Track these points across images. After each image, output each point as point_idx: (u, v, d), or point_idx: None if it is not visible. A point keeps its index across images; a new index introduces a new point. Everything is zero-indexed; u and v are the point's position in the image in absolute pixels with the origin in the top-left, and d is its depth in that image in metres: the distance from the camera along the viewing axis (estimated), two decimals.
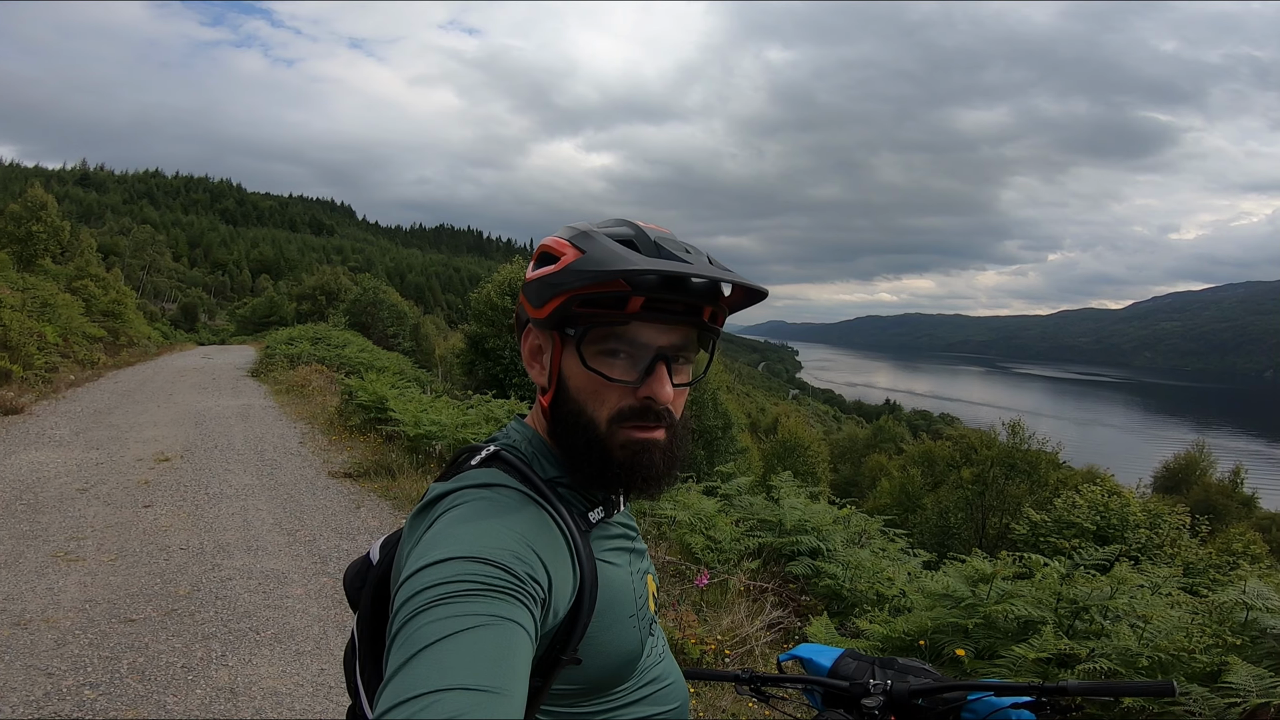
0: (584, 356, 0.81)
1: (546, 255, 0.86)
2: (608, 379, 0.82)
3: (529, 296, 0.85)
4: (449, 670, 0.57)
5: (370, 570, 0.92)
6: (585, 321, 0.81)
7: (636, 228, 0.85)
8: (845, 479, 39.83)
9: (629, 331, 0.81)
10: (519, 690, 0.59)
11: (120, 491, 6.57)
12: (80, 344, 17.30)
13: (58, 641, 3.73)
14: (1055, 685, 1.01)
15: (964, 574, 3.88)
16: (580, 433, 0.84)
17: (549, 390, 0.87)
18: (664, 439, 0.86)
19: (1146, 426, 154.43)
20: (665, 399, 0.82)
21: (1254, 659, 2.67)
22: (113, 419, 10.21)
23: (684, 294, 0.81)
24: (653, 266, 0.76)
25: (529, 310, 0.86)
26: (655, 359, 0.82)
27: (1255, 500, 38.29)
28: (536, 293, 0.84)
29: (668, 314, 0.82)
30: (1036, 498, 19.14)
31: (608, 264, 0.77)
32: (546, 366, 0.88)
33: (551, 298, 0.81)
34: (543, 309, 0.83)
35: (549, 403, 0.87)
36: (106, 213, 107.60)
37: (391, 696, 0.56)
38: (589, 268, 0.78)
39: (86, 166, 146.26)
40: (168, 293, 73.94)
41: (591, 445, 0.84)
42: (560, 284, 0.80)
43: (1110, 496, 10.79)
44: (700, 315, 0.84)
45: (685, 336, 0.85)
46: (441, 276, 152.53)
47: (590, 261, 0.78)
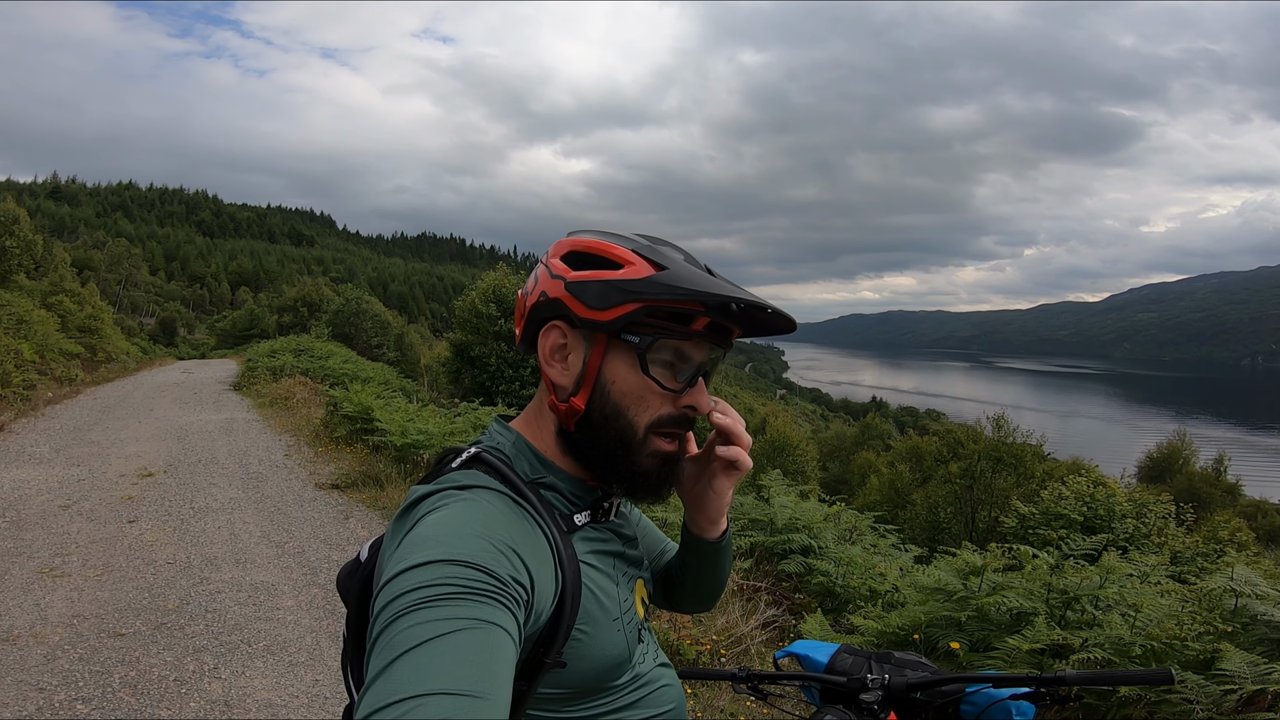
0: (645, 364, 0.83)
1: (601, 259, 0.85)
2: (661, 387, 0.84)
3: (584, 297, 0.83)
4: (431, 675, 0.56)
5: (360, 570, 0.91)
6: (653, 331, 0.83)
7: (683, 249, 0.89)
8: (835, 477, 39.96)
9: (683, 346, 0.86)
10: (503, 694, 0.59)
11: (104, 507, 6.47)
12: (58, 361, 17.02)
13: (47, 656, 3.69)
14: (1053, 675, 1.01)
15: (955, 567, 3.91)
16: (618, 434, 0.85)
17: (581, 390, 0.86)
18: (680, 452, 0.91)
19: (1128, 417, 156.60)
20: (705, 409, 0.89)
21: (1246, 645, 2.70)
22: (93, 435, 10.05)
23: (731, 318, 0.86)
24: (733, 295, 0.80)
25: (580, 310, 0.83)
26: (697, 372, 0.87)
27: (1239, 488, 38.81)
28: (600, 295, 0.82)
29: (718, 334, 0.87)
30: (1023, 490, 19.31)
31: (695, 284, 0.80)
32: (573, 367, 0.86)
33: (623, 303, 0.81)
34: (607, 312, 0.82)
35: (584, 403, 0.86)
36: (80, 226, 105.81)
37: (373, 701, 0.55)
38: (675, 284, 0.80)
39: (58, 179, 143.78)
40: (145, 307, 72.95)
41: (627, 448, 0.86)
42: (638, 292, 0.81)
43: (1096, 487, 10.89)
44: (730, 336, 0.90)
45: (714, 353, 0.90)
46: (425, 285, 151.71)
47: (675, 278, 0.81)
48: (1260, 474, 60.74)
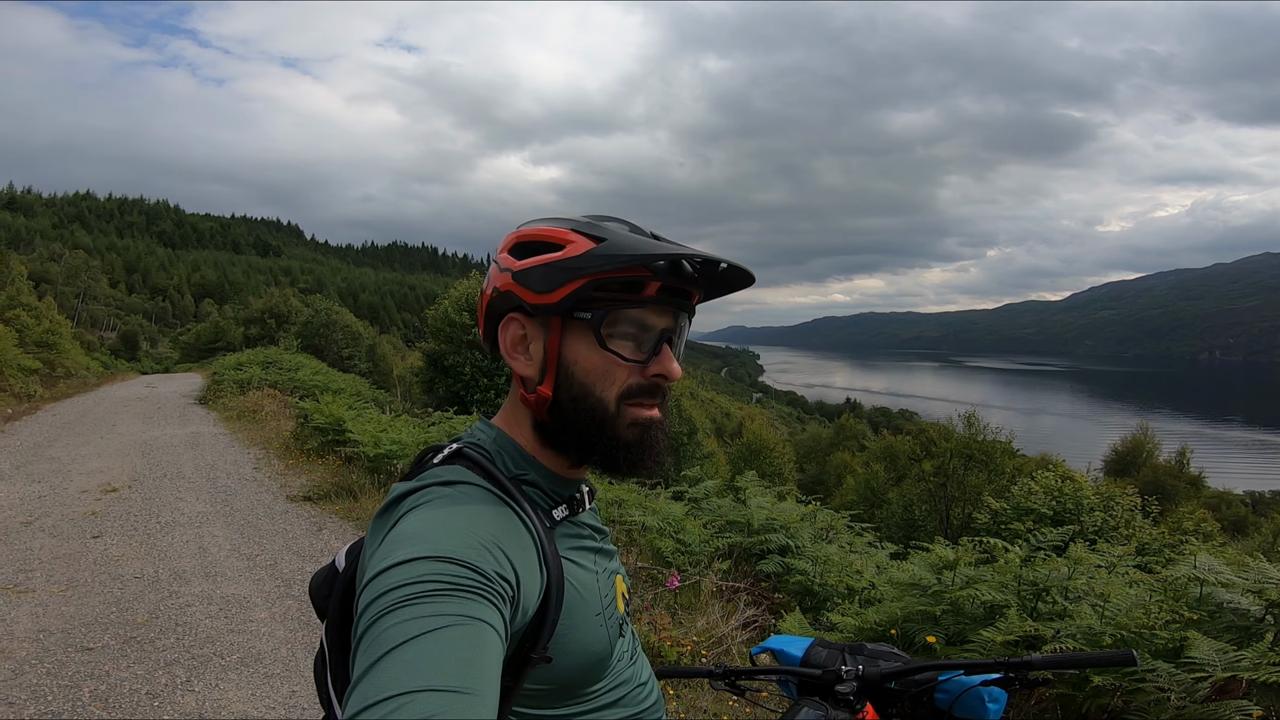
0: (602, 339, 0.83)
1: (542, 244, 0.84)
2: (624, 359, 0.84)
3: (529, 283, 0.83)
4: (419, 671, 0.56)
5: (337, 577, 0.90)
6: (603, 305, 0.82)
7: (628, 221, 0.88)
8: (811, 478, 40.31)
9: (641, 315, 0.84)
10: (490, 690, 0.59)
11: (66, 523, 6.29)
12: (15, 376, 16.54)
13: (14, 671, 3.59)
14: (1020, 660, 1.05)
15: (929, 562, 3.96)
16: (589, 414, 0.85)
17: (546, 377, 0.85)
18: (662, 417, 0.90)
19: (1092, 413, 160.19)
20: (676, 375, 0.87)
21: (1213, 633, 2.76)
22: (53, 451, 9.76)
23: (688, 280, 0.86)
24: (676, 252, 0.79)
25: (529, 297, 0.83)
26: (660, 339, 0.86)
27: (1202, 479, 39.86)
28: (543, 278, 0.82)
29: (676, 298, 0.86)
30: (995, 486, 19.66)
31: (636, 249, 0.79)
32: (535, 356, 0.86)
33: (566, 282, 0.81)
34: (553, 293, 0.81)
35: (551, 389, 0.85)
36: (36, 238, 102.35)
37: (361, 699, 0.55)
38: (615, 253, 0.79)
39: (13, 190, 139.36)
40: (105, 321, 71.08)
41: (603, 425, 0.85)
42: (579, 268, 0.80)
43: (1064, 481, 11.13)
44: (691, 300, 0.89)
45: (677, 319, 0.89)
46: (396, 295, 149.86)
47: (614, 247, 0.80)
48: (1222, 466, 62.57)
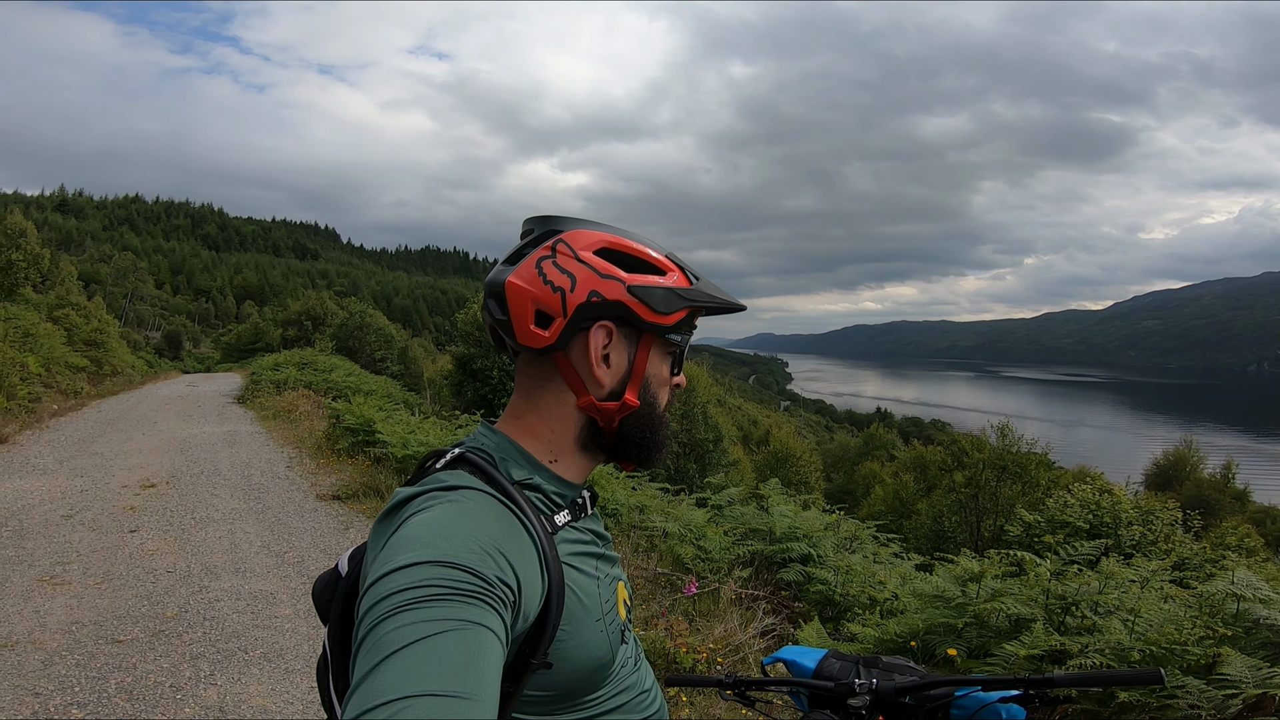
0: (681, 360, 0.97)
1: (641, 262, 0.91)
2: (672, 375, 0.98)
3: (650, 301, 0.89)
4: (419, 676, 0.56)
5: (340, 582, 0.90)
6: (687, 331, 0.95)
7: None
8: (839, 487, 39.78)
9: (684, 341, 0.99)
10: (491, 695, 0.58)
11: (106, 517, 6.49)
12: (63, 374, 17.09)
13: (45, 662, 3.71)
14: (1042, 677, 0.99)
15: (954, 574, 3.89)
16: (654, 420, 0.95)
17: (630, 387, 0.91)
18: None
19: (1134, 425, 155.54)
20: (684, 384, 1.01)
21: (1248, 650, 2.66)
22: (97, 447, 10.08)
23: None
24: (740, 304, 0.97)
25: (646, 314, 0.89)
26: (682, 358, 0.99)
27: (1248, 494, 38.37)
28: (664, 300, 0.90)
29: None
30: (1029, 499, 19.17)
31: (724, 296, 0.96)
32: (617, 366, 0.91)
33: (681, 308, 0.91)
34: (670, 316, 0.90)
35: (637, 398, 0.91)
36: (86, 239, 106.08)
37: (360, 702, 0.55)
38: (714, 294, 0.94)
39: (65, 192, 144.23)
40: (151, 320, 73.35)
41: (657, 429, 0.96)
42: (691, 300, 0.91)
43: (1101, 494, 10.80)
44: None
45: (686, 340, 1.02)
46: (428, 299, 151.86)
47: (711, 289, 0.95)
48: (1269, 480, 60.23)
